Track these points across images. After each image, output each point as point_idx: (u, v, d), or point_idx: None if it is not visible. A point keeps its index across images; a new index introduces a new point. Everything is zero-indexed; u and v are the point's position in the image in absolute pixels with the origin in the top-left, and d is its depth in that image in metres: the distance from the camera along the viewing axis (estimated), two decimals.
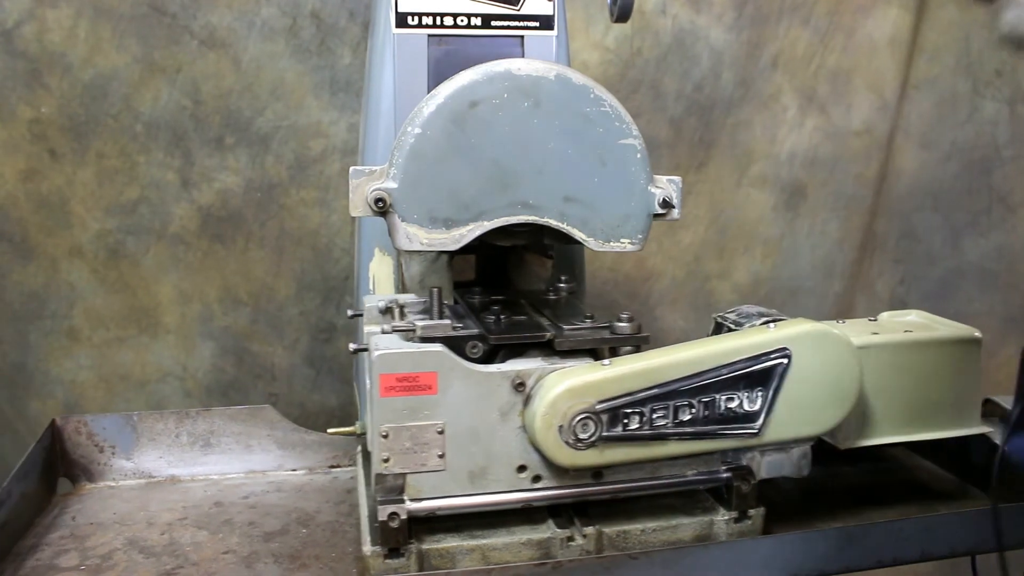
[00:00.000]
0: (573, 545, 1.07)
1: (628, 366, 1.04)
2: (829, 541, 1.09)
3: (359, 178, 1.08)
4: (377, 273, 1.42)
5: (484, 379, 1.04)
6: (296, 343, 2.14)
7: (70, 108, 1.93)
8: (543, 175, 1.10)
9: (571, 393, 1.01)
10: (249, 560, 1.10)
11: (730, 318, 1.20)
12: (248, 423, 1.30)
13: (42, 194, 1.96)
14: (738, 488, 1.11)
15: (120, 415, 1.28)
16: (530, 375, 1.05)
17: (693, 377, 1.04)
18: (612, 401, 1.02)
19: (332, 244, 2.10)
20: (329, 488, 1.30)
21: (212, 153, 2.01)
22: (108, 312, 2.04)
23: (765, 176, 2.40)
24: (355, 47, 2.02)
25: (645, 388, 1.03)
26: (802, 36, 2.36)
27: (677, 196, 1.15)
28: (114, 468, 1.29)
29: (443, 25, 1.38)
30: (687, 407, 1.04)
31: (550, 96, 1.09)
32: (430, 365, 1.01)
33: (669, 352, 1.06)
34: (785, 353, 1.06)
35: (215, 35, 1.97)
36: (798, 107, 2.40)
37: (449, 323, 1.08)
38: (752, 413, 1.06)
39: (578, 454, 1.02)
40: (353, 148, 2.04)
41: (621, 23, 1.49)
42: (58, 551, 1.11)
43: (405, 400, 0.99)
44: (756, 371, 1.05)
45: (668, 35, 2.25)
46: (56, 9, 1.88)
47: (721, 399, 1.05)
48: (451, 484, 1.05)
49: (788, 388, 1.06)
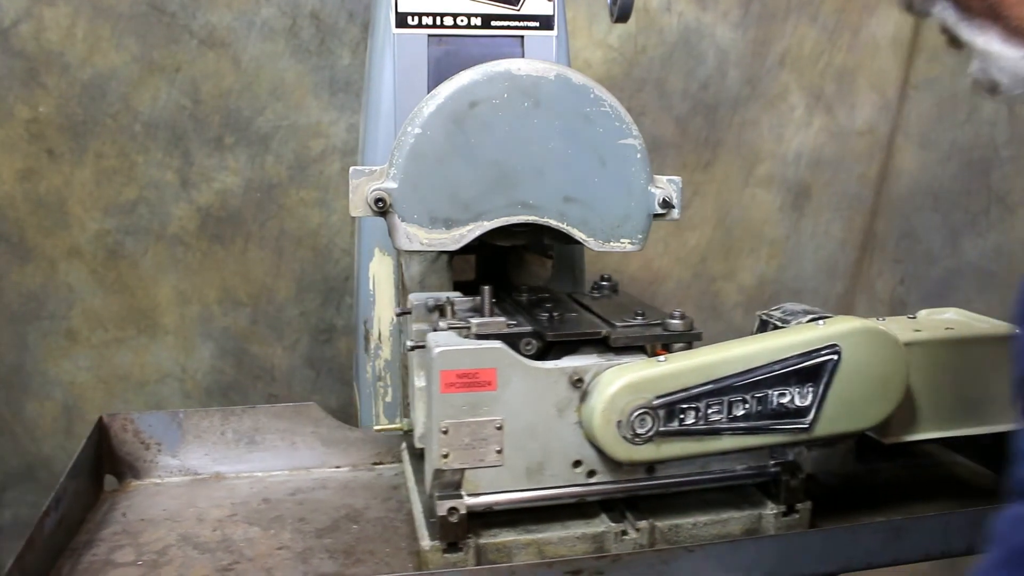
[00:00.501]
0: (627, 539, 1.08)
1: (684, 362, 1.05)
2: (878, 534, 1.10)
3: (359, 178, 1.08)
4: (377, 273, 1.41)
5: (542, 375, 1.05)
6: (296, 344, 2.13)
7: (68, 108, 1.92)
8: (543, 175, 1.09)
9: (629, 389, 1.02)
10: (304, 556, 1.10)
11: (775, 315, 1.21)
12: (293, 420, 1.30)
13: (40, 194, 1.95)
14: (786, 482, 1.12)
15: (166, 412, 1.29)
16: (587, 371, 1.05)
17: (747, 373, 1.06)
18: (669, 397, 1.04)
19: (332, 244, 2.10)
20: (374, 485, 1.30)
21: (211, 153, 2.01)
22: (107, 313, 2.04)
23: (772, 176, 2.39)
24: (354, 47, 2.02)
25: (701, 384, 1.04)
26: (810, 34, 2.35)
27: (677, 196, 1.14)
28: (160, 465, 1.29)
29: (443, 25, 1.37)
30: (741, 402, 1.06)
31: (550, 96, 1.08)
32: (490, 362, 1.01)
33: (723, 348, 1.07)
34: (835, 350, 1.08)
35: (215, 35, 1.96)
36: (805, 106, 2.39)
37: (503, 320, 1.08)
38: (803, 408, 1.08)
39: (635, 449, 1.04)
40: (353, 148, 2.04)
41: (622, 23, 1.48)
42: (113, 547, 1.12)
43: (465, 396, 1.00)
44: (807, 367, 1.07)
45: (673, 33, 2.24)
46: (54, 8, 1.87)
47: (773, 395, 1.07)
48: (508, 479, 1.05)
49: (837, 384, 1.08)
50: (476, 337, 1.05)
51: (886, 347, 1.09)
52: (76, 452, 1.16)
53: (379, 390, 1.43)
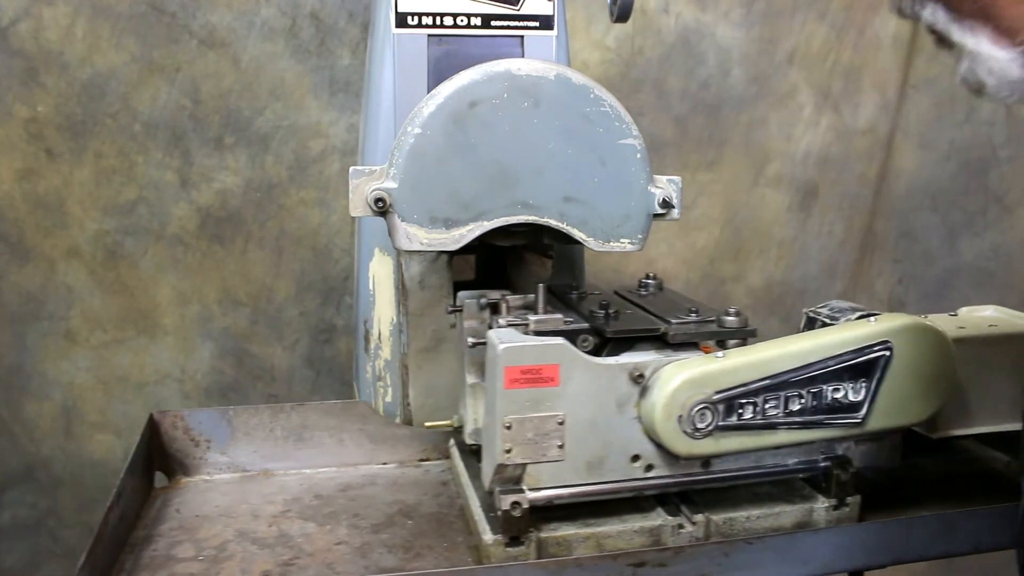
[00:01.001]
0: (683, 532, 1.10)
1: (742, 358, 1.08)
2: (931, 527, 1.13)
3: (359, 178, 1.08)
4: (377, 273, 1.41)
5: (604, 371, 1.06)
6: (296, 344, 2.13)
7: (67, 107, 1.92)
8: (543, 175, 1.09)
9: (690, 384, 1.05)
10: (363, 551, 1.12)
11: (823, 313, 1.25)
12: (341, 417, 1.32)
13: (39, 194, 1.95)
14: (837, 476, 1.14)
15: (216, 409, 1.30)
16: (647, 367, 1.08)
17: (802, 368, 1.09)
18: (728, 392, 1.06)
19: (332, 244, 2.09)
20: (423, 481, 1.31)
21: (211, 153, 2.00)
22: (106, 313, 2.03)
23: (781, 176, 2.38)
24: (354, 48, 2.01)
25: (758, 379, 1.07)
26: (819, 31, 2.34)
27: (677, 196, 1.15)
28: (209, 462, 1.31)
29: (443, 25, 1.37)
30: (797, 397, 1.09)
31: (550, 96, 1.09)
32: (553, 358, 1.02)
33: (780, 345, 1.10)
34: (887, 346, 1.11)
35: (215, 35, 1.96)
36: (814, 105, 2.38)
37: (561, 317, 1.10)
38: (856, 403, 1.11)
39: (695, 443, 1.06)
40: (353, 148, 2.04)
41: (621, 23, 1.48)
42: (171, 543, 1.13)
43: (528, 392, 1.01)
44: (860, 363, 1.11)
45: (671, 34, 2.24)
46: (53, 7, 1.86)
47: (828, 390, 1.10)
48: (569, 474, 1.07)
49: (889, 380, 1.12)
50: (535, 334, 1.06)
51: (936, 343, 1.13)
52: (132, 449, 1.18)
53: (379, 390, 1.43)
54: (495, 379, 1.02)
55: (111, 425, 2.08)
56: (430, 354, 1.31)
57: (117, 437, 2.08)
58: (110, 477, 2.05)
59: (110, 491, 1.12)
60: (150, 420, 1.26)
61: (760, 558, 1.05)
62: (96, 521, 1.05)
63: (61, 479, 2.07)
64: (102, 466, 2.07)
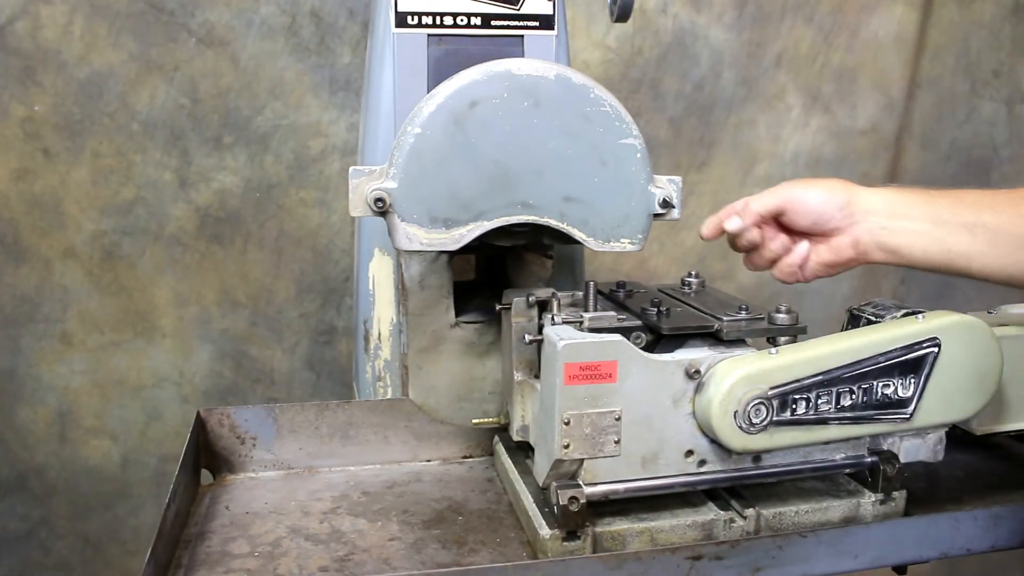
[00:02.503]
0: (735, 526, 1.12)
1: (796, 354, 1.11)
2: (978, 521, 1.15)
3: (359, 178, 1.07)
4: (377, 273, 1.40)
5: (660, 368, 1.08)
6: (296, 346, 2.12)
7: (64, 106, 1.91)
8: (543, 175, 1.09)
9: (747, 380, 1.07)
10: (417, 546, 1.12)
11: (867, 310, 1.27)
12: (386, 415, 1.32)
13: (35, 194, 1.94)
14: (884, 471, 1.16)
15: (262, 407, 1.29)
16: (702, 363, 1.10)
17: (854, 364, 1.11)
18: (782, 387, 1.09)
19: (332, 245, 2.09)
20: (469, 477, 1.32)
21: (210, 153, 2.00)
22: (103, 315, 2.02)
23: (770, 176, 2.39)
24: (354, 46, 2.01)
25: (812, 375, 1.10)
26: (806, 35, 2.35)
27: (677, 196, 1.15)
28: (254, 459, 1.30)
29: (443, 25, 1.36)
30: (848, 393, 1.12)
31: (550, 96, 1.08)
32: (611, 354, 1.03)
33: (831, 342, 1.13)
34: (936, 342, 1.14)
35: (213, 33, 1.95)
36: (802, 106, 2.39)
37: (614, 314, 1.11)
38: (905, 399, 1.14)
39: (750, 438, 1.09)
40: (353, 148, 2.03)
41: (621, 23, 1.48)
42: (225, 539, 1.13)
43: (587, 388, 1.02)
44: (910, 359, 1.13)
45: (668, 34, 2.24)
46: (50, 5, 1.86)
47: (878, 385, 1.13)
48: (624, 469, 1.09)
49: (937, 376, 1.14)
50: (590, 331, 1.08)
51: (983, 340, 1.16)
52: (184, 446, 1.19)
53: (379, 390, 1.43)
54: (554, 375, 1.02)
55: (107, 430, 2.07)
56: (430, 354, 1.31)
57: (113, 442, 2.07)
58: (106, 484, 2.06)
59: (106, 498, 1.11)
60: (197, 418, 1.26)
61: (813, 551, 1.07)
62: (91, 530, 1.04)
63: (55, 487, 2.06)
64: (97, 473, 2.06)
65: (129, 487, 2.08)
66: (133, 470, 2.08)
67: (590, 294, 1.12)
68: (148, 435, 2.09)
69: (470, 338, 1.31)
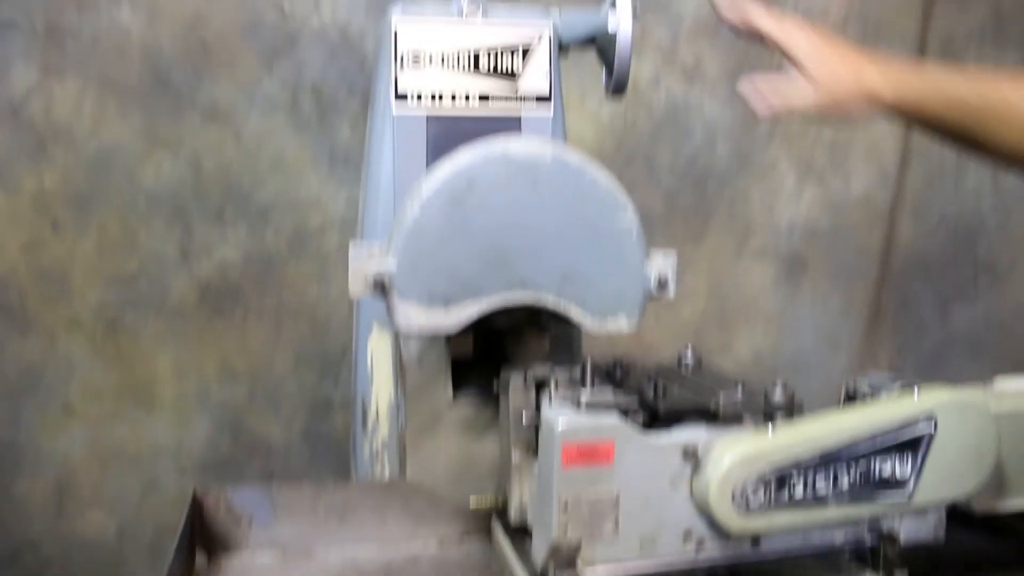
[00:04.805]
0: None
1: (793, 434, 1.09)
2: None
3: (358, 258, 1.08)
4: (375, 350, 1.41)
5: (657, 449, 1.07)
6: (293, 418, 2.12)
7: (74, 180, 1.95)
8: (540, 254, 1.10)
9: (744, 461, 1.05)
10: None
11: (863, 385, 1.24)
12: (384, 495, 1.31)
13: (42, 265, 1.96)
14: (885, 552, 1.15)
15: (259, 487, 1.29)
16: (699, 443, 1.08)
17: (852, 443, 1.09)
18: (781, 467, 1.07)
19: (330, 318, 2.10)
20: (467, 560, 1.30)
21: (212, 226, 2.02)
22: (104, 386, 2.03)
23: (765, 248, 2.41)
24: (354, 121, 2.05)
25: (810, 454, 1.08)
26: None
27: (672, 274, 1.15)
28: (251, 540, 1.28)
29: (441, 103, 1.40)
30: (846, 472, 1.10)
31: (547, 176, 1.10)
32: (609, 434, 1.02)
33: (828, 420, 1.11)
34: (932, 419, 1.12)
35: (218, 109, 1.99)
36: (796, 178, 2.42)
37: (611, 394, 1.09)
38: (903, 478, 1.12)
39: (749, 520, 1.06)
40: (351, 221, 2.06)
41: (618, 97, 1.51)
42: None
43: (585, 470, 1.01)
44: (907, 437, 1.11)
45: (661, 108, 2.28)
46: (63, 83, 1.91)
47: (876, 464, 1.11)
48: (622, 551, 1.06)
49: (934, 453, 1.12)
50: (587, 410, 1.06)
51: (978, 416, 1.14)
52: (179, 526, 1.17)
53: (377, 469, 1.43)
54: (551, 457, 1.02)
55: (105, 502, 2.06)
56: (428, 432, 1.31)
57: (110, 514, 2.06)
58: (101, 557, 2.04)
59: (100, 572, 1.10)
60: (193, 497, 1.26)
61: None
62: None
63: (49, 561, 2.04)
64: (93, 547, 2.05)
65: (124, 559, 2.06)
66: (129, 542, 2.07)
67: (587, 372, 1.13)
68: (144, 506, 2.08)
69: (468, 416, 1.31)
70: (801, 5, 2.36)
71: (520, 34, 1.41)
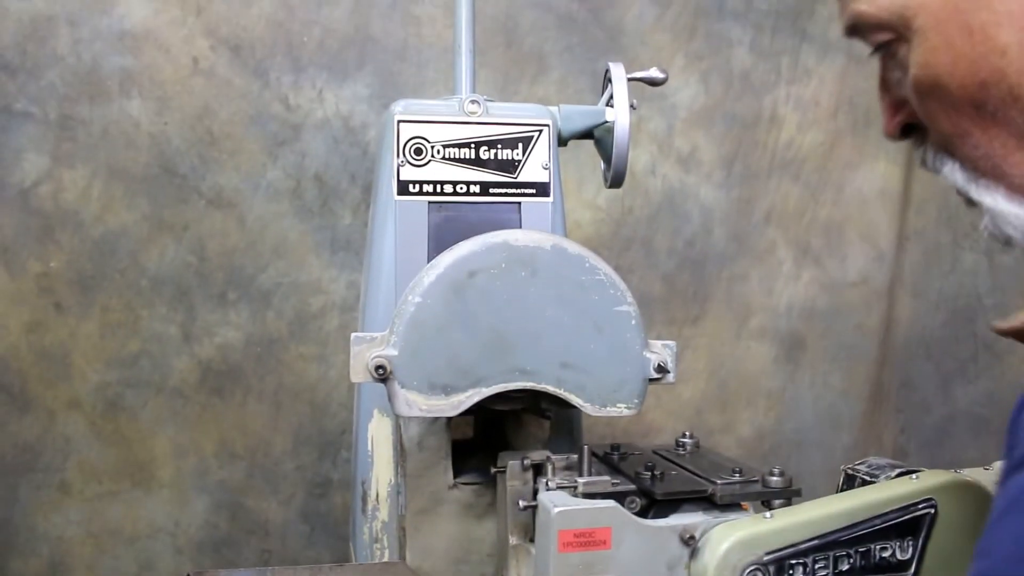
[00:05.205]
0: None
1: (791, 518, 1.09)
2: None
3: (360, 345, 1.11)
4: (376, 434, 1.42)
5: (654, 534, 1.08)
6: (291, 498, 2.11)
7: (79, 263, 1.98)
8: (540, 342, 1.13)
9: (741, 546, 1.06)
10: None
11: (861, 469, 1.26)
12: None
13: (44, 346, 1.98)
14: None
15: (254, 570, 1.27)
16: (697, 528, 1.09)
17: (850, 528, 1.10)
18: (778, 553, 1.07)
19: (329, 399, 2.11)
20: None
21: (214, 308, 2.05)
22: (102, 465, 2.03)
23: (764, 328, 2.44)
24: (355, 208, 2.10)
25: (807, 539, 1.08)
26: (793, 191, 2.44)
27: (672, 360, 1.18)
28: None
29: (443, 192, 1.43)
30: (846, 557, 1.10)
31: (547, 266, 1.13)
32: (605, 521, 1.04)
33: (826, 504, 1.12)
34: (931, 503, 1.12)
35: (222, 195, 2.04)
36: (793, 260, 2.46)
37: (608, 479, 1.12)
38: (904, 562, 1.12)
39: None
40: (351, 305, 2.08)
41: (616, 188, 1.55)
42: None
43: (582, 555, 1.02)
44: (906, 521, 1.12)
45: (658, 194, 2.33)
46: (72, 169, 1.95)
47: (876, 549, 1.11)
48: None
49: (936, 537, 1.12)
50: (584, 495, 1.08)
51: (977, 499, 1.14)
52: None
53: (376, 552, 1.42)
54: (548, 543, 1.03)
55: None
56: (428, 516, 1.31)
57: None
58: None
59: None
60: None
61: None
62: None
63: None
64: None
65: None
66: None
67: (584, 458, 1.13)
68: None
69: (468, 499, 1.32)
70: (792, 95, 2.42)
71: (520, 129, 1.45)
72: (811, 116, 2.45)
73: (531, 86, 2.21)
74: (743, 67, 2.39)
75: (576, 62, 2.24)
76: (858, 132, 2.48)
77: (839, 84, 2.45)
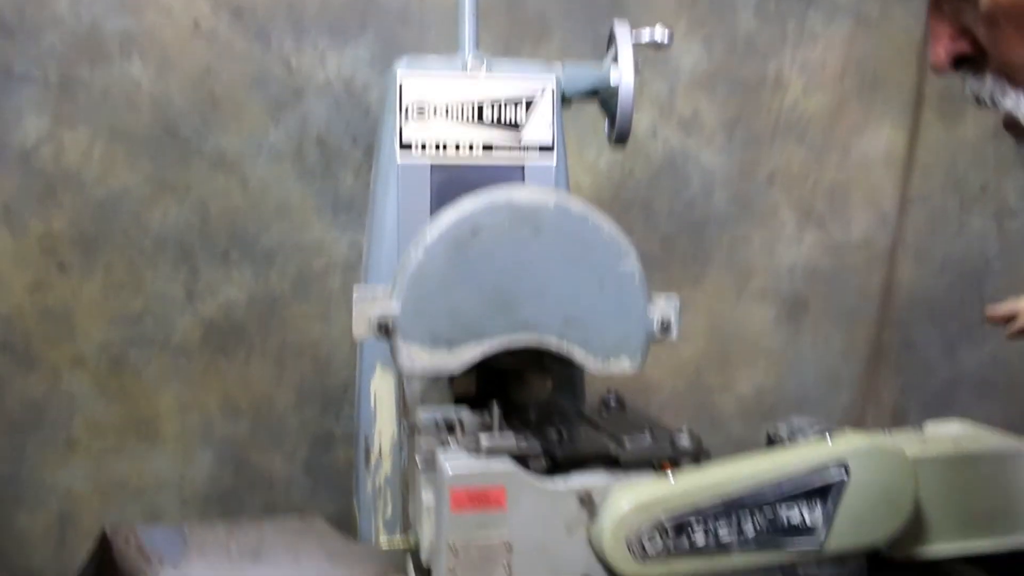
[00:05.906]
0: None
1: (693, 480, 1.07)
2: None
3: (363, 301, 1.11)
4: (378, 389, 1.44)
5: (552, 495, 1.06)
6: (294, 453, 2.14)
7: (81, 223, 1.98)
8: (543, 299, 1.13)
9: (640, 507, 1.03)
10: None
11: (782, 430, 1.23)
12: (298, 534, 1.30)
13: (48, 305, 1.99)
14: None
15: (170, 526, 1.28)
16: (596, 490, 1.06)
17: (755, 490, 1.07)
18: (679, 514, 1.04)
19: (332, 356, 2.13)
20: None
21: (217, 268, 2.06)
22: (108, 421, 2.05)
23: (765, 290, 2.45)
24: (357, 170, 2.10)
25: (710, 501, 1.05)
26: (797, 154, 2.44)
27: (675, 317, 1.17)
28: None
29: (446, 152, 1.43)
30: (750, 520, 1.07)
31: (550, 223, 1.12)
32: (500, 480, 1.03)
33: (731, 465, 1.09)
34: (843, 466, 1.09)
35: (225, 157, 2.04)
36: (796, 222, 2.46)
37: (512, 438, 1.10)
38: (813, 525, 1.09)
39: (645, 567, 1.04)
40: (354, 264, 2.09)
41: (620, 146, 1.54)
42: None
43: (475, 515, 1.01)
44: (816, 484, 1.09)
45: (659, 157, 2.33)
46: (74, 131, 1.95)
47: (783, 511, 1.08)
48: None
49: (847, 500, 1.09)
50: (486, 454, 1.06)
51: (893, 463, 1.11)
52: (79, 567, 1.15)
53: (379, 506, 1.44)
54: (442, 501, 1.02)
55: None
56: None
57: None
58: None
59: None
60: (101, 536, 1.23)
61: None
62: None
63: None
64: None
65: None
66: None
67: (494, 416, 1.12)
68: None
69: None
70: (799, 58, 2.41)
71: (524, 87, 1.45)
72: (817, 79, 2.44)
73: (533, 50, 2.20)
74: (748, 31, 2.38)
75: (578, 26, 2.23)
76: (864, 95, 2.48)
77: (847, 47, 2.44)
